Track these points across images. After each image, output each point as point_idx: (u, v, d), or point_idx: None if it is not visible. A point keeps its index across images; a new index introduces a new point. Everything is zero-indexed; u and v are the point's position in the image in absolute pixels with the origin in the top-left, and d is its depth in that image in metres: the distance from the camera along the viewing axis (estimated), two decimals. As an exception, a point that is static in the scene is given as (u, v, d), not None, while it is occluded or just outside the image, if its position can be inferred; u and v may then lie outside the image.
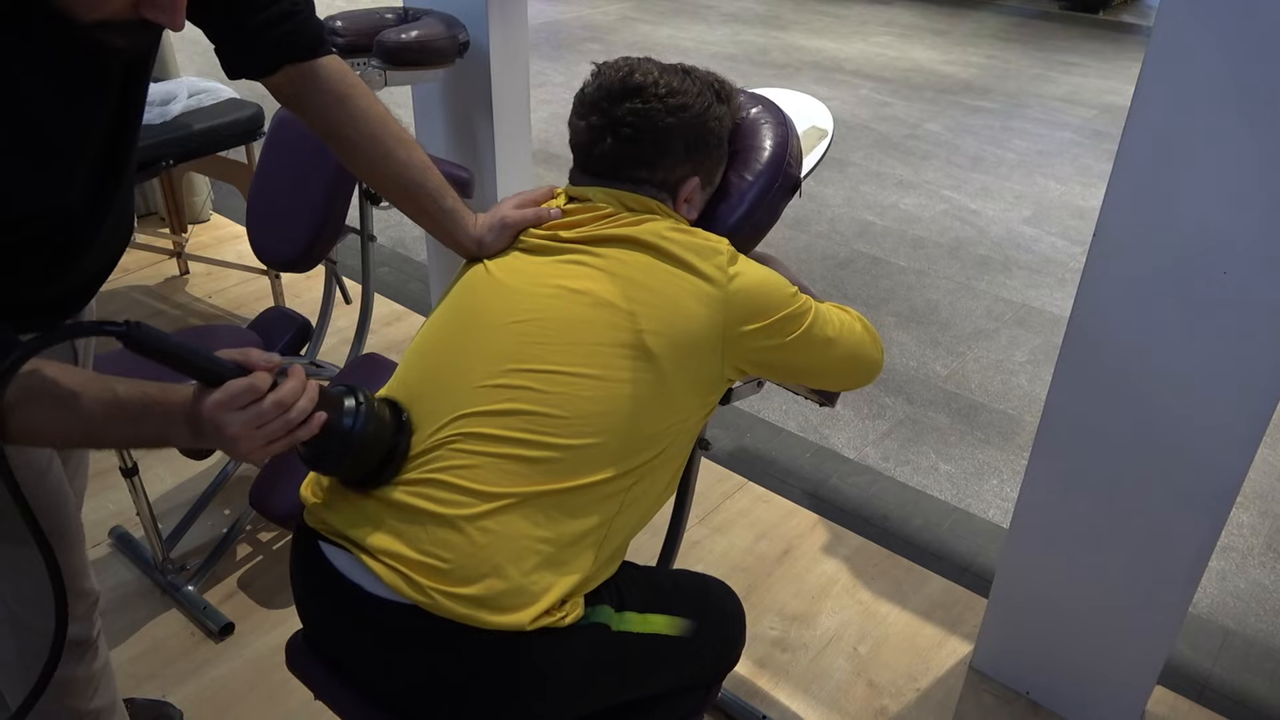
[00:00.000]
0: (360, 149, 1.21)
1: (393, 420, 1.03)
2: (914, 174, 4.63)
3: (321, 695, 1.11)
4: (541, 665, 1.02)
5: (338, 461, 1.00)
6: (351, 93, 1.19)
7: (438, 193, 1.23)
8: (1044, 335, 3.24)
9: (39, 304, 1.07)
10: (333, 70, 1.19)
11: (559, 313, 1.07)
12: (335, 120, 1.19)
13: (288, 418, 0.90)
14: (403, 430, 1.03)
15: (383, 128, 1.21)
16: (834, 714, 1.80)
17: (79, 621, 1.29)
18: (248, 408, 0.87)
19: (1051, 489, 1.66)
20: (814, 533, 2.26)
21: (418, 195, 1.23)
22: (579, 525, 1.02)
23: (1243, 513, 2.42)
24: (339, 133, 1.20)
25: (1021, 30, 7.76)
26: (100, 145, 1.02)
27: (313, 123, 1.21)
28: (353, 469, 1.02)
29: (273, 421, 0.89)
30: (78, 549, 1.27)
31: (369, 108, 1.20)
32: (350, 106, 1.19)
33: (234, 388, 0.87)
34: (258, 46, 1.14)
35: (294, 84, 1.18)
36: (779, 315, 1.11)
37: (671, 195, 1.19)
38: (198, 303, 3.15)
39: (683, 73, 1.18)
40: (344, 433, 0.97)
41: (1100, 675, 1.73)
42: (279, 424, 0.89)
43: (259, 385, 0.88)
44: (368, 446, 0.99)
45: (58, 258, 1.04)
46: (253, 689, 1.80)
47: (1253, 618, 2.09)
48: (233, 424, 0.87)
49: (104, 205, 1.08)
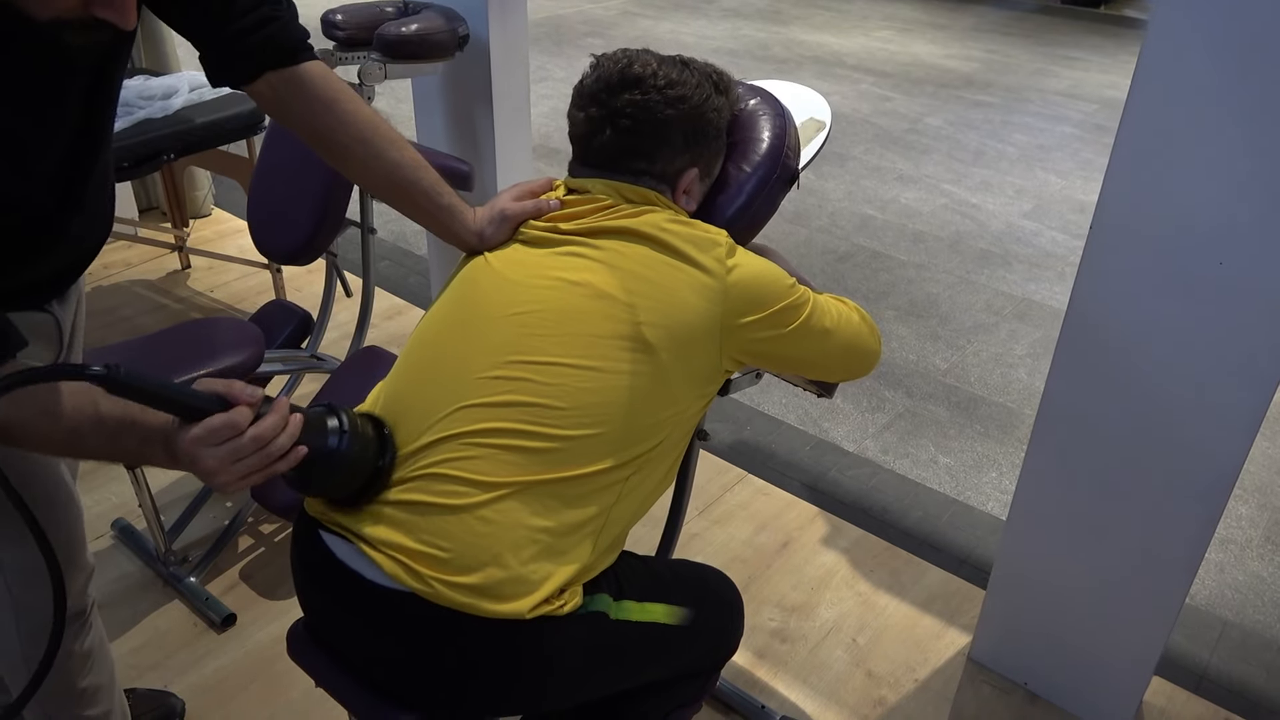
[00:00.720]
0: (351, 153, 1.20)
1: (375, 437, 1.03)
2: (914, 168, 4.63)
3: (322, 683, 1.12)
4: (540, 653, 1.02)
5: (322, 484, 1.00)
6: (338, 97, 1.18)
7: (434, 190, 1.23)
8: (1043, 329, 3.24)
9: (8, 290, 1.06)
10: (316, 76, 1.17)
11: (558, 304, 1.07)
12: (324, 126, 1.18)
13: (266, 452, 0.90)
14: (386, 447, 1.03)
15: (372, 130, 1.19)
16: (833, 704, 1.81)
17: (74, 596, 1.28)
18: (225, 443, 0.87)
19: (1049, 480, 1.66)
20: (813, 525, 2.27)
21: (413, 194, 1.23)
22: (577, 515, 1.03)
23: (1241, 505, 2.43)
24: (329, 138, 1.19)
25: (1022, 25, 7.75)
26: (65, 146, 1.01)
27: (300, 129, 1.20)
28: (337, 489, 1.02)
29: (250, 456, 0.88)
30: (69, 518, 1.25)
31: (356, 111, 1.19)
32: (338, 111, 1.17)
33: (212, 424, 0.86)
34: (238, 52, 1.13)
35: (277, 91, 1.16)
36: (776, 307, 1.11)
37: (670, 187, 1.20)
38: (199, 297, 3.16)
39: (681, 64, 1.19)
40: (328, 454, 0.97)
41: (1098, 666, 1.74)
42: (256, 459, 0.89)
43: (238, 421, 0.87)
44: (352, 468, 1.00)
45: (19, 254, 1.03)
46: (254, 679, 1.81)
47: (1250, 609, 2.10)
48: (209, 459, 0.87)
49: (72, 205, 1.06)
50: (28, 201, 1.01)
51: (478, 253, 1.20)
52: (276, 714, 1.74)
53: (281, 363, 2.12)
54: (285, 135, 2.10)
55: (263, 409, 0.91)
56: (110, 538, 2.13)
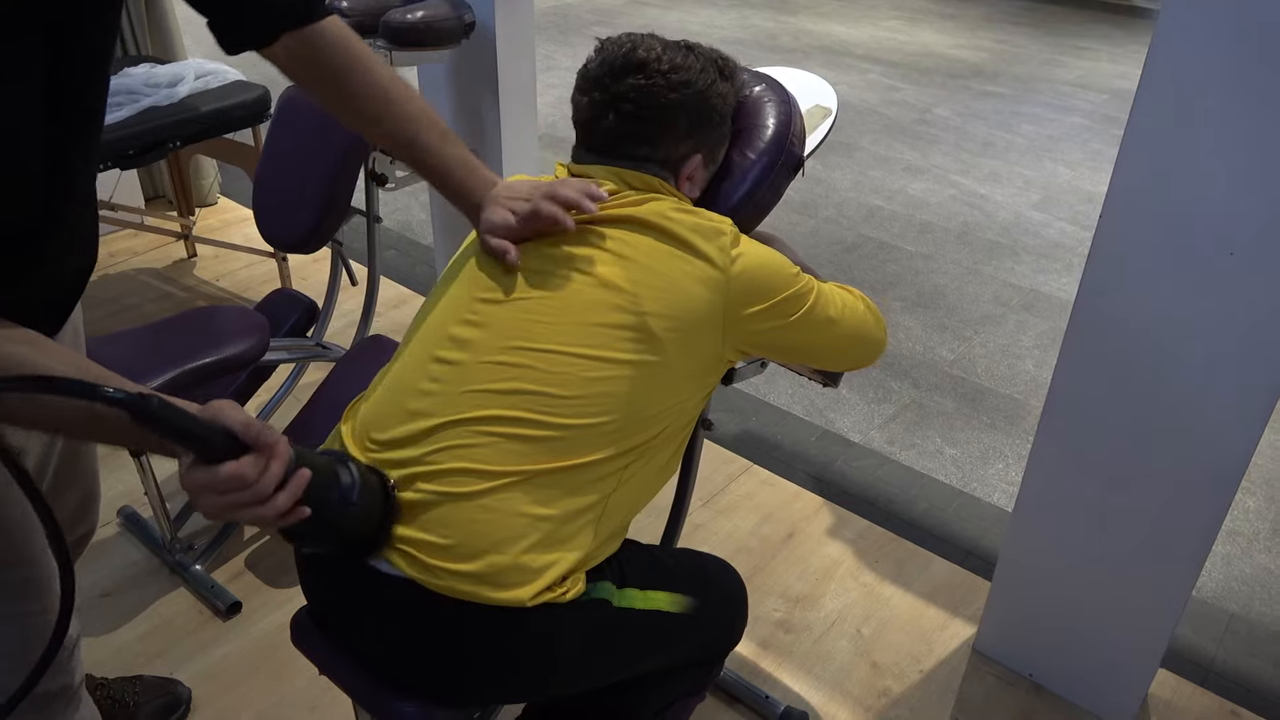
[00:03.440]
0: (372, 118, 1.15)
1: (381, 495, 0.99)
2: (922, 158, 4.61)
3: (326, 671, 1.12)
4: (543, 640, 1.02)
5: (319, 542, 0.98)
6: (354, 63, 1.13)
7: (453, 164, 1.19)
8: (1051, 320, 3.22)
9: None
10: (335, 35, 1.12)
11: (563, 292, 1.07)
12: (342, 94, 1.14)
13: (259, 512, 0.84)
14: (390, 504, 1.00)
15: (393, 95, 1.15)
16: (837, 695, 1.81)
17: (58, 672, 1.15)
18: (227, 494, 0.82)
19: (1055, 471, 1.65)
20: (819, 515, 2.26)
21: (429, 165, 1.19)
22: (578, 503, 1.02)
23: (1249, 498, 2.42)
24: (350, 106, 1.15)
25: (1032, 14, 7.70)
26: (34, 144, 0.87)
27: (319, 95, 1.15)
28: (334, 546, 0.99)
29: (248, 509, 0.83)
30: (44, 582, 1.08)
31: (377, 75, 1.14)
32: (355, 80, 1.13)
33: (223, 473, 0.81)
34: (250, 12, 1.07)
35: (295, 53, 1.11)
36: (780, 296, 1.11)
37: (674, 173, 1.19)
38: (205, 285, 3.16)
39: (685, 49, 1.18)
40: (334, 509, 0.93)
41: (1103, 658, 1.73)
42: (250, 513, 0.84)
43: (247, 477, 0.81)
44: (357, 522, 0.96)
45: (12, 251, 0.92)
46: (259, 667, 1.81)
47: (1257, 602, 2.09)
48: (206, 505, 0.83)
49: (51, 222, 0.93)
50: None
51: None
52: (281, 701, 1.75)
53: (287, 351, 2.12)
54: (290, 123, 2.09)
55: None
56: (116, 525, 2.13)
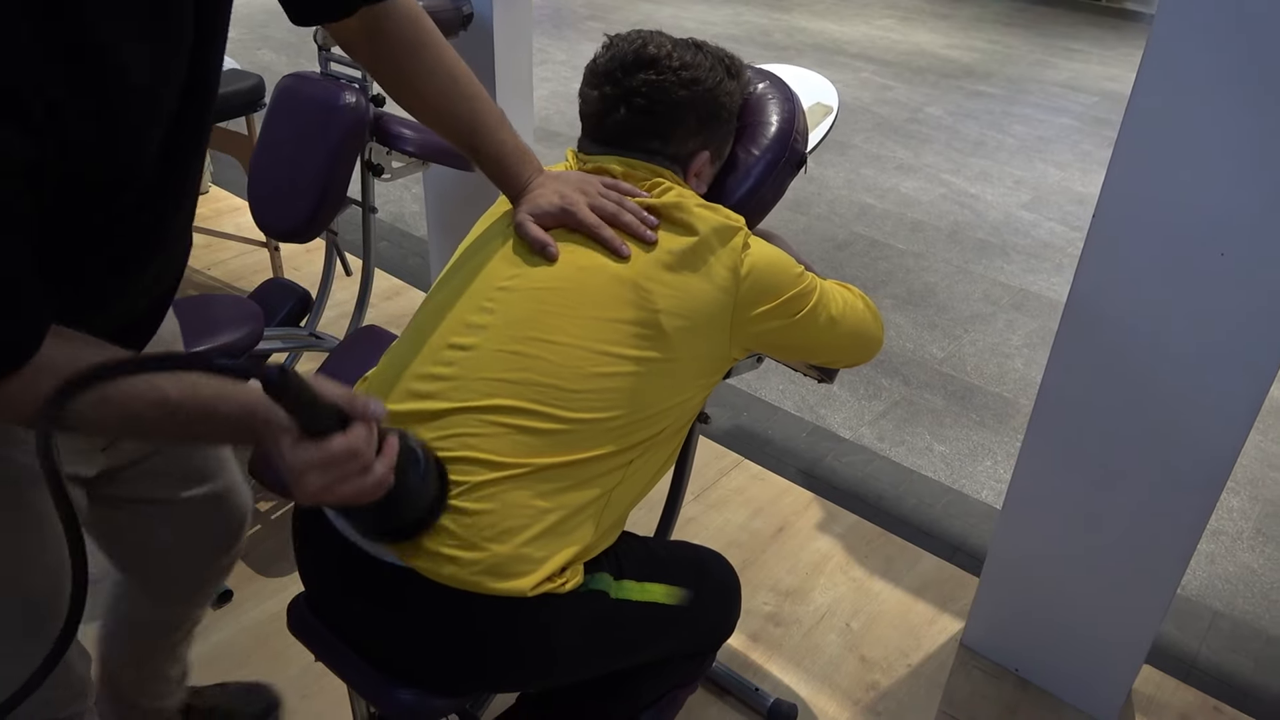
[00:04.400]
0: (434, 95, 1.13)
1: (438, 472, 0.98)
2: (914, 157, 4.63)
3: (322, 658, 1.12)
4: (542, 630, 1.03)
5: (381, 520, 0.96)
6: (425, 40, 1.11)
7: (509, 148, 1.18)
8: (1040, 320, 3.25)
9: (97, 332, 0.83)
10: (408, 10, 1.09)
11: (577, 284, 1.07)
12: (408, 72, 1.11)
13: (362, 483, 0.83)
14: (444, 491, 0.99)
15: (455, 80, 1.13)
16: (826, 688, 1.82)
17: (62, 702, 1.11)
18: (336, 469, 0.80)
19: (1044, 468, 1.67)
20: (809, 510, 2.28)
21: (491, 152, 1.18)
22: (581, 496, 1.03)
23: (1233, 497, 2.45)
24: (415, 84, 1.12)
25: (1024, 15, 7.74)
26: (173, 106, 0.84)
27: (386, 71, 1.12)
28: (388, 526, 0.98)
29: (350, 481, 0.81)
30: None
31: (446, 53, 1.12)
32: (426, 57, 1.10)
33: (336, 448, 0.79)
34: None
35: (370, 26, 1.08)
36: (787, 296, 1.12)
37: (682, 169, 1.20)
38: (196, 274, 3.15)
39: (694, 47, 1.18)
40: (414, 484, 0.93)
41: (1089, 653, 1.75)
42: (355, 485, 0.82)
43: (361, 450, 0.80)
44: (420, 500, 0.96)
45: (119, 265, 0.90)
46: (251, 655, 1.81)
47: (1240, 600, 2.12)
48: (315, 483, 0.80)
49: (176, 187, 0.92)
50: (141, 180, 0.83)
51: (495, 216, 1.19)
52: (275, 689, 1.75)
53: (280, 340, 2.12)
54: (286, 112, 2.09)
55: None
56: (107, 512, 2.13)
